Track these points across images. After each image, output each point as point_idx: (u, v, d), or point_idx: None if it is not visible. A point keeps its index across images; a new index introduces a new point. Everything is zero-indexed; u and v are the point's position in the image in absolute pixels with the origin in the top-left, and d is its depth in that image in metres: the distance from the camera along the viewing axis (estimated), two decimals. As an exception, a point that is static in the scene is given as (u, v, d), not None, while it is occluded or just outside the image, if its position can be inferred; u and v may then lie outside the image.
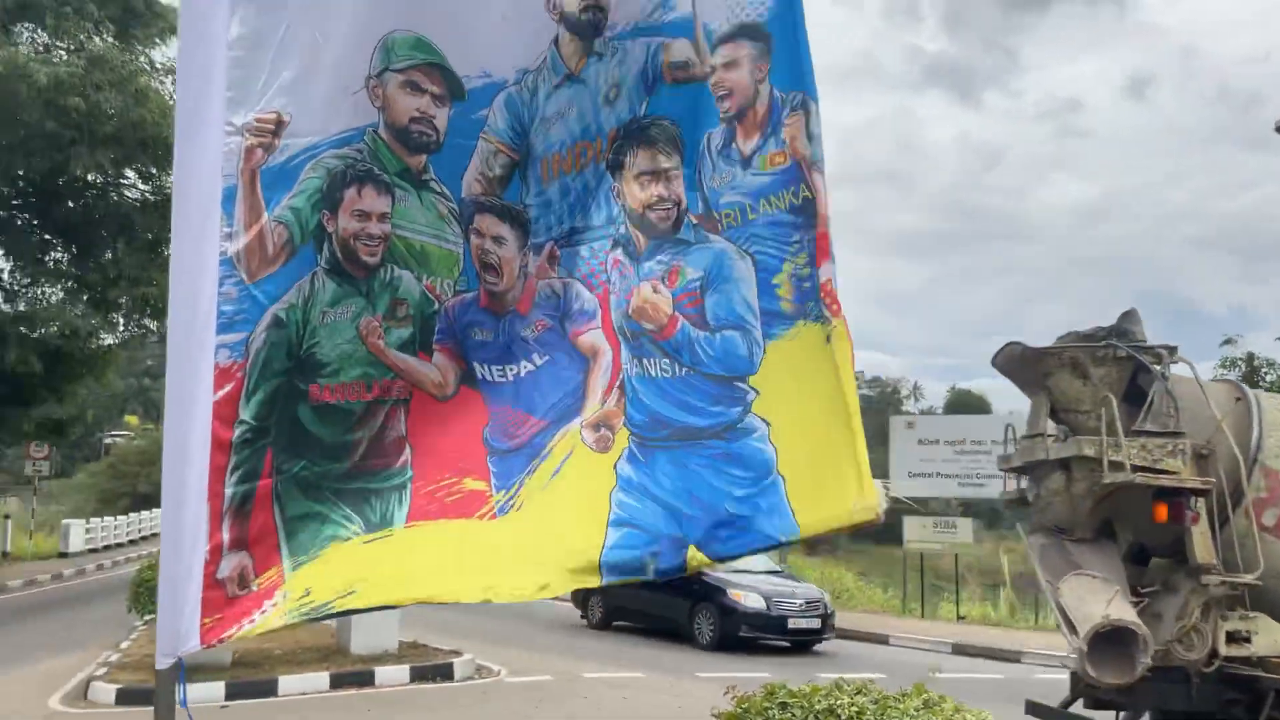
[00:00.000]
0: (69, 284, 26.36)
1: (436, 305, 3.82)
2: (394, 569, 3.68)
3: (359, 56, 3.59)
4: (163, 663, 3.41)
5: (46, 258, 26.62)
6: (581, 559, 3.89)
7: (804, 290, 4.07)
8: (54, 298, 26.42)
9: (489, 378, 3.89)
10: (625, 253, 4.09)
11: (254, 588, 3.46)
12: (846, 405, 4.10)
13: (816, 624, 17.42)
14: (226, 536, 3.41)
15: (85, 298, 26.19)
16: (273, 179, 3.46)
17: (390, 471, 3.71)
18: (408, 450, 3.74)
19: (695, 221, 4.14)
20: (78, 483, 57.48)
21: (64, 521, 37.82)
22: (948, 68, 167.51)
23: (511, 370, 3.91)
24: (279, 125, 3.46)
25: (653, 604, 18.45)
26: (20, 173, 23.65)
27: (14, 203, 25.82)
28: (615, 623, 19.40)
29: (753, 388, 4.08)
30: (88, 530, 38.08)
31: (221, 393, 3.40)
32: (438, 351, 3.83)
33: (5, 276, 26.70)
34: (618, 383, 4.02)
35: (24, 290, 26.72)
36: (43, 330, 25.25)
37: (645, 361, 4.04)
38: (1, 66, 20.22)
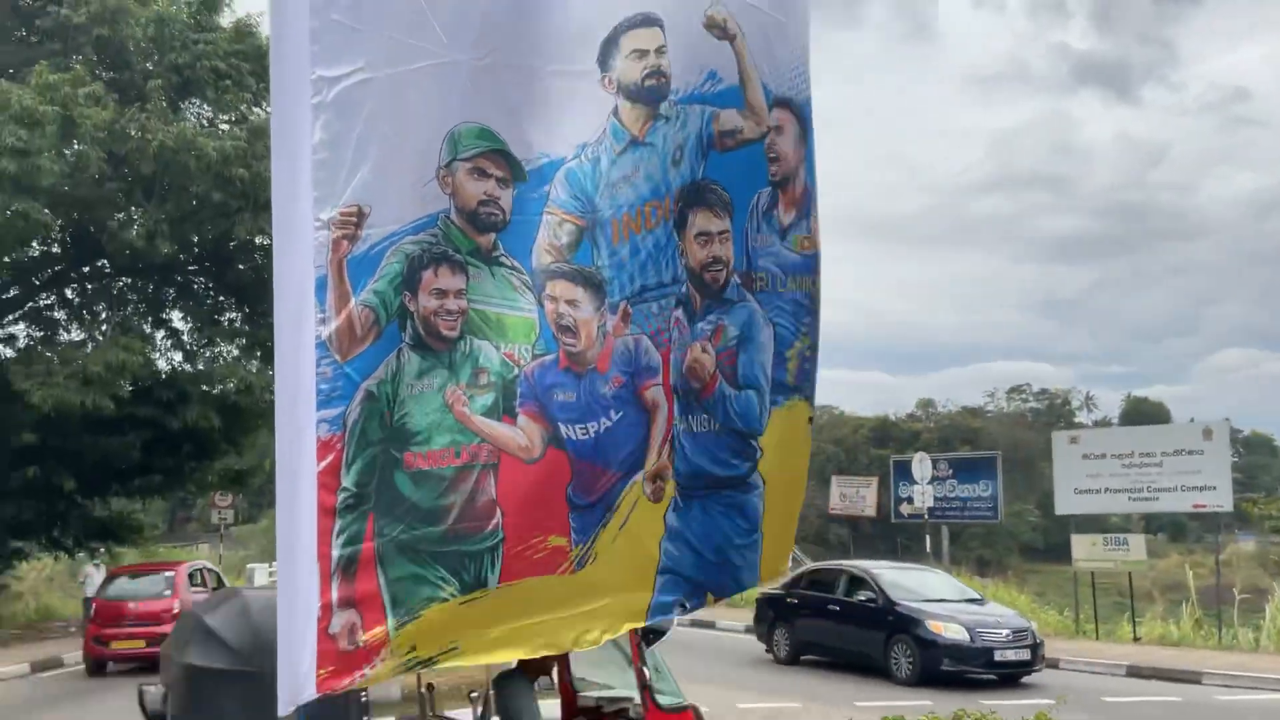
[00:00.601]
0: (242, 341, 27.75)
1: (516, 371, 3.98)
2: (490, 628, 3.92)
3: (429, 150, 3.86)
4: (284, 710, 3.72)
5: (221, 318, 28.16)
6: (637, 604, 4.22)
7: (804, 370, 4.42)
8: (229, 355, 27.89)
9: (573, 436, 4.04)
10: (685, 311, 4.29)
11: (361, 643, 3.72)
12: (801, 484, 4.76)
13: (1026, 655, 16.29)
14: (335, 595, 3.68)
15: (258, 354, 27.55)
16: (357, 267, 3.74)
17: (483, 534, 3.89)
18: (498, 513, 3.90)
19: (738, 281, 4.38)
20: (264, 528, 60.19)
21: (248, 566, 39.92)
22: (1100, 65, 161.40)
23: (593, 427, 4.07)
24: (360, 217, 3.73)
25: (844, 637, 17.70)
26: (194, 239, 25.10)
27: (190, 268, 27.45)
28: (804, 657, 18.66)
29: (760, 446, 4.44)
30: (271, 573, 39.94)
31: (324, 463, 3.69)
32: (522, 415, 3.98)
33: (185, 338, 28.42)
34: (670, 436, 4.22)
35: (201, 350, 28.33)
36: (220, 386, 26.81)
37: (690, 418, 4.29)
38: (173, 142, 21.54)
